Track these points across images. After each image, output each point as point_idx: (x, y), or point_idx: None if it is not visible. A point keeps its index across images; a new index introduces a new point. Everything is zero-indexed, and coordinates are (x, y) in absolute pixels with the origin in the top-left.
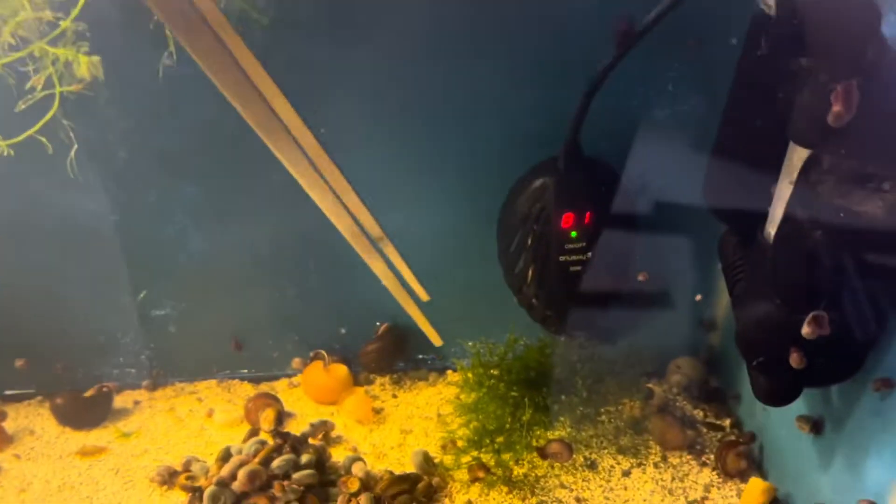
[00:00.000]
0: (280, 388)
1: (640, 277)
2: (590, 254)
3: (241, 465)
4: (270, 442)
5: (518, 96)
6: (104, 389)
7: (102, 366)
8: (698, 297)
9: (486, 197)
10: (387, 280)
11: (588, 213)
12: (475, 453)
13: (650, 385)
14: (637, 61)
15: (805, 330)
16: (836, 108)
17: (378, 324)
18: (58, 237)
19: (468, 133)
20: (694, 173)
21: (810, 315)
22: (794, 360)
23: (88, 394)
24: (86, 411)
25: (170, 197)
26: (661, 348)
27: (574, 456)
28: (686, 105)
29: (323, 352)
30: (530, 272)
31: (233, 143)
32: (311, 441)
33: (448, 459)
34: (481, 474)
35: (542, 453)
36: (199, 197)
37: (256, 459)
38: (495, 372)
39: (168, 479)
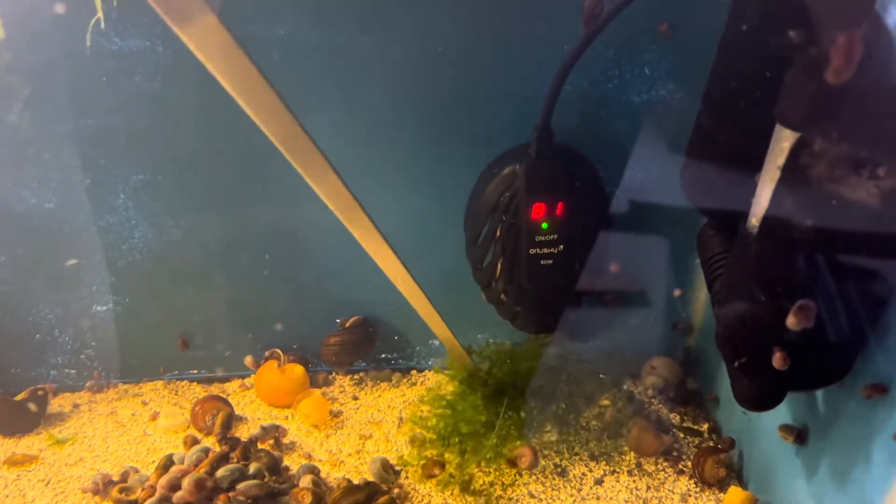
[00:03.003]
0: (232, 389)
1: (612, 268)
2: (562, 247)
3: (183, 474)
4: (217, 449)
5: (489, 81)
6: (39, 392)
7: (38, 366)
8: (677, 292)
9: (454, 187)
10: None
11: (560, 204)
12: (441, 450)
13: (625, 387)
14: (612, 44)
15: (790, 320)
16: (836, 62)
17: (338, 320)
18: None
19: (438, 122)
20: (673, 162)
21: (796, 304)
22: (777, 360)
23: (20, 397)
24: (17, 416)
25: (110, 183)
26: (637, 348)
27: (543, 462)
28: (664, 90)
29: (278, 351)
30: (499, 266)
31: (183, 126)
32: (260, 446)
33: (412, 454)
34: (436, 471)
35: (511, 460)
36: (144, 184)
37: (202, 467)
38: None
39: (102, 489)
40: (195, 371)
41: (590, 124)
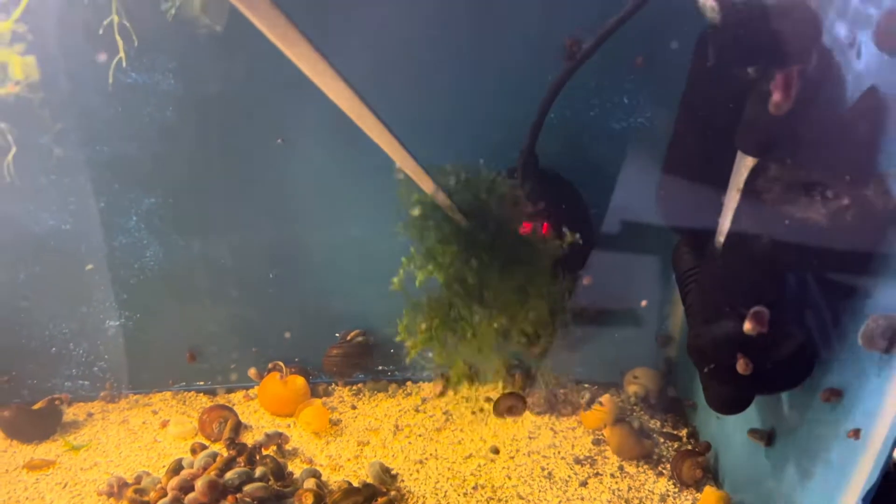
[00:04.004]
0: (237, 399)
1: (585, 281)
2: None
3: (193, 478)
4: (224, 454)
5: (480, 107)
6: (56, 402)
7: (54, 377)
8: (643, 303)
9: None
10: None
11: (545, 224)
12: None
13: (608, 395)
14: (593, 75)
15: (746, 326)
16: (776, 96)
17: (337, 335)
18: (5, 246)
19: (427, 142)
20: (650, 184)
21: (751, 311)
22: (741, 366)
23: (37, 406)
24: (34, 424)
25: (124, 206)
26: (619, 358)
27: (531, 464)
28: (642, 117)
29: (281, 363)
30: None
31: (192, 152)
32: (264, 451)
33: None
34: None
35: (497, 410)
36: (156, 207)
37: (212, 470)
38: None
39: (117, 491)
40: (202, 382)
41: (572, 149)
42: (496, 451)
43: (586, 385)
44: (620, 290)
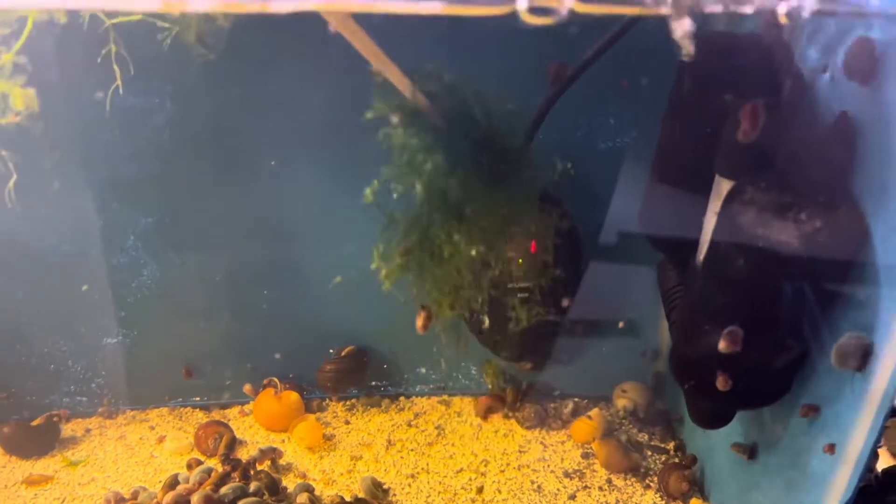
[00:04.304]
0: (232, 415)
1: (564, 303)
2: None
3: (188, 493)
4: (219, 469)
5: None
6: (54, 418)
7: (52, 394)
8: (621, 324)
9: None
10: None
11: (533, 242)
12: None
13: (597, 409)
14: (580, 96)
15: (721, 345)
16: (744, 125)
17: (331, 350)
18: (5, 265)
19: None
20: (635, 203)
21: (725, 330)
22: (720, 382)
23: (36, 422)
24: (33, 440)
25: (121, 225)
26: (609, 372)
27: (520, 479)
28: (628, 137)
29: (275, 379)
30: (480, 299)
31: (188, 173)
32: (258, 466)
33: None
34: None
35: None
36: (153, 226)
37: (207, 485)
38: None
39: None
40: (198, 398)
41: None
42: (481, 489)
43: (576, 399)
44: (608, 307)
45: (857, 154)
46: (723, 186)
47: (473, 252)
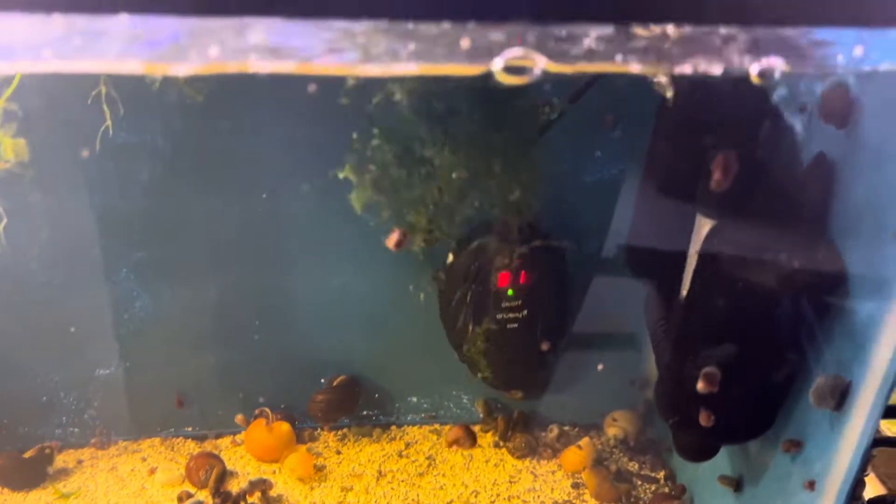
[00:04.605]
0: (224, 445)
1: (543, 347)
2: (526, 312)
3: None
4: (210, 502)
5: None
6: (46, 450)
7: (44, 425)
8: (600, 367)
9: (432, 255)
10: None
11: (524, 273)
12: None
13: (587, 438)
14: (567, 129)
15: (699, 385)
16: (716, 175)
17: (323, 380)
18: None
19: None
20: (622, 235)
21: (702, 371)
22: (703, 418)
23: (28, 454)
24: (25, 472)
25: (114, 259)
26: (599, 400)
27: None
28: (615, 169)
29: (267, 409)
30: (470, 329)
31: (180, 208)
32: (249, 499)
33: None
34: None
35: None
36: (145, 260)
37: None
38: None
39: None
40: (190, 428)
41: (549, 201)
42: None
43: (566, 427)
44: (598, 335)
45: (835, 195)
46: (703, 226)
47: (454, 175)
